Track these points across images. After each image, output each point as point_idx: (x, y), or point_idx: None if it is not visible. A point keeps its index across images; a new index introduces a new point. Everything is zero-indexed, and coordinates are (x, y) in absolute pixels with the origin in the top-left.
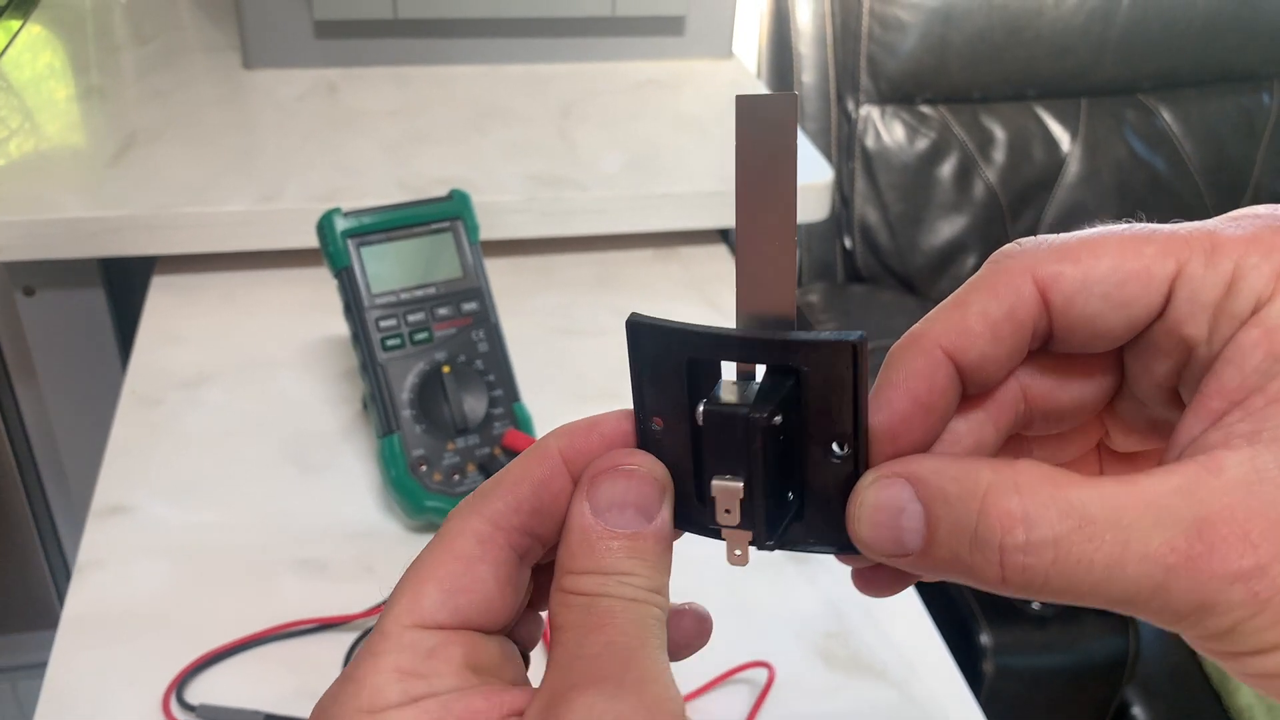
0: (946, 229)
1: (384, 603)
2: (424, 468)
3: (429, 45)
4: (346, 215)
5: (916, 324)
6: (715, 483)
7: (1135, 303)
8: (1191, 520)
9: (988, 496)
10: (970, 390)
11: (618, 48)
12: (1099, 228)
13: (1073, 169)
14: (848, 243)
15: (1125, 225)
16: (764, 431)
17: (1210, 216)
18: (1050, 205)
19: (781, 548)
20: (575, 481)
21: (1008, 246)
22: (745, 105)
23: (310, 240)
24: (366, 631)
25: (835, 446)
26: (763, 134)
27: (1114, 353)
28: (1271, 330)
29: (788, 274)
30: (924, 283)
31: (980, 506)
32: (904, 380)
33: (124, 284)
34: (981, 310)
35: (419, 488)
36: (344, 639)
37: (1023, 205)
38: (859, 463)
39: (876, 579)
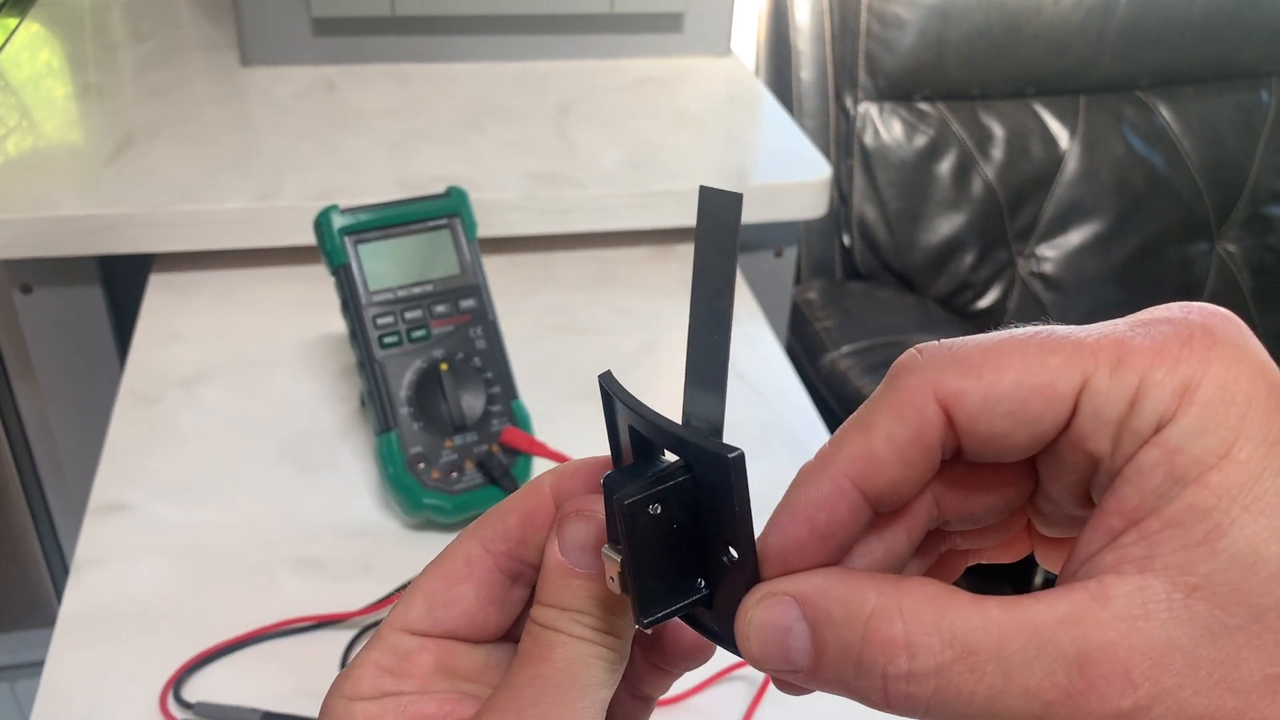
0: (945, 226)
1: (382, 600)
2: (422, 465)
3: (427, 43)
4: (344, 212)
5: (826, 445)
6: (603, 549)
7: (1040, 420)
8: (1074, 655)
9: (870, 622)
10: (882, 510)
11: (616, 45)
12: (1005, 332)
13: (1071, 166)
14: (846, 240)
15: (1033, 330)
16: (626, 517)
17: (1208, 213)
18: (1049, 202)
19: (692, 628)
20: None
21: (907, 357)
22: (705, 196)
23: (308, 238)
24: (365, 629)
25: (730, 549)
26: (715, 221)
27: (1027, 459)
28: (1171, 452)
29: (720, 363)
30: (922, 280)
31: (864, 632)
32: (803, 507)
33: (122, 282)
34: (887, 434)
35: (416, 485)
36: (342, 636)
37: (1021, 202)
38: (747, 573)
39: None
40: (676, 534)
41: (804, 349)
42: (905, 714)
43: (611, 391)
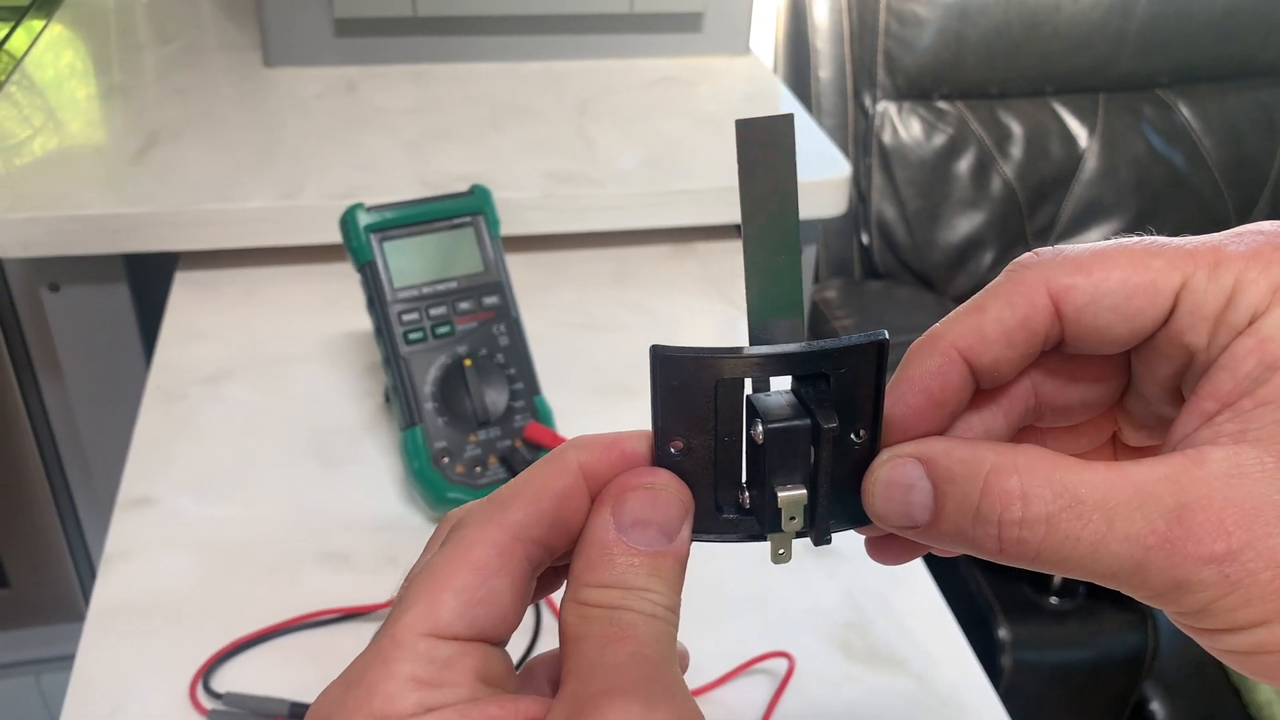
0: (964, 225)
1: None
2: (446, 460)
3: (447, 43)
4: (369, 210)
5: (936, 324)
6: (782, 495)
7: (1142, 314)
8: (1173, 506)
9: (990, 476)
10: (983, 386)
11: (635, 45)
12: (1112, 241)
13: (1090, 165)
14: (865, 239)
15: (1137, 238)
16: (834, 440)
17: (1229, 212)
18: (1068, 201)
19: (805, 536)
20: (592, 497)
21: (1025, 256)
22: (744, 128)
23: (331, 236)
24: None
25: (854, 435)
26: (763, 154)
27: (1122, 355)
28: (1264, 340)
29: (795, 284)
30: (941, 279)
31: (983, 485)
32: (920, 378)
33: (147, 280)
34: (997, 317)
35: (441, 479)
36: (367, 628)
37: (1040, 201)
38: (875, 444)
39: (888, 548)
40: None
41: None
42: (1017, 559)
43: (686, 355)
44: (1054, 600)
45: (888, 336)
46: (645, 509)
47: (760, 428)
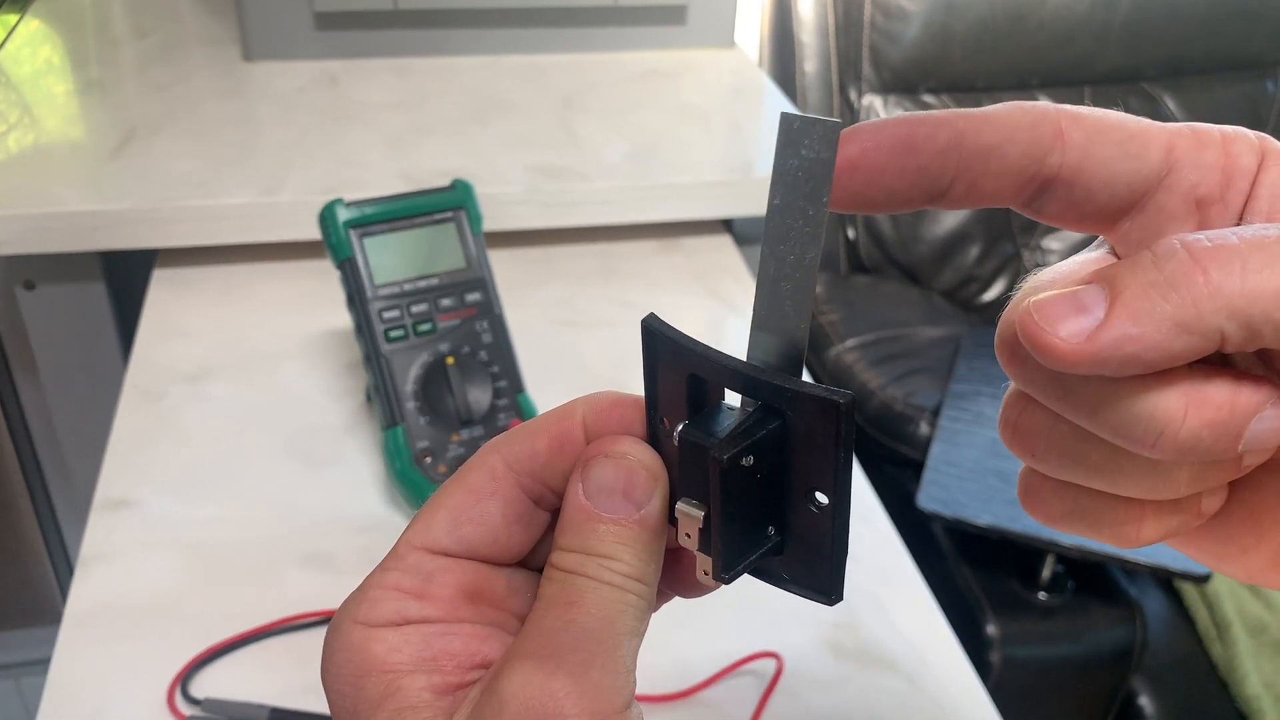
0: (949, 219)
1: None
2: (429, 459)
3: (429, 36)
4: (349, 206)
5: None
6: (679, 505)
7: (1143, 156)
8: None
9: (1156, 247)
10: (973, 175)
11: (619, 38)
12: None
13: None
14: (851, 233)
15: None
16: (724, 471)
17: None
18: None
19: (758, 578)
20: None
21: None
22: (788, 125)
23: (312, 233)
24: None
25: (818, 496)
26: (803, 156)
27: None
28: None
29: (804, 302)
30: (927, 273)
31: (1156, 252)
32: (904, 120)
33: (125, 277)
34: (1007, 114)
35: (424, 480)
36: None
37: None
38: (837, 521)
39: (1038, 495)
40: (757, 484)
41: (809, 342)
42: (1209, 315)
43: (668, 336)
44: (1042, 596)
45: (851, 399)
46: (609, 476)
47: (678, 430)
